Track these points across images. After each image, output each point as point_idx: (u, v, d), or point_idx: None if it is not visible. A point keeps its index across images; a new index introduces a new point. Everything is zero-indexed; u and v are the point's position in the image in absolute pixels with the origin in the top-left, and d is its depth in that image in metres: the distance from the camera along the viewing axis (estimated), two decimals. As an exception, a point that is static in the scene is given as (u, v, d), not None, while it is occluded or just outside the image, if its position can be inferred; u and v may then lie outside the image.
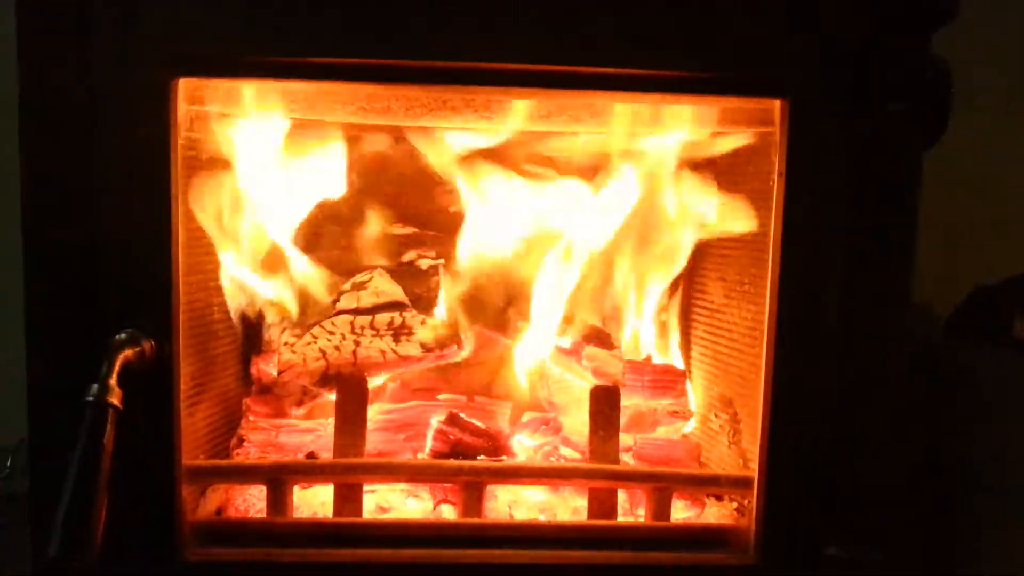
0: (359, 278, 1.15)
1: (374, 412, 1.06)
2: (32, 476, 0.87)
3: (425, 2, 0.87)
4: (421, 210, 1.20)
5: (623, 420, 1.04)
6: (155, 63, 0.84)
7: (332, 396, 1.05)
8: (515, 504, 1.05)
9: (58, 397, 0.84)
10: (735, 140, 1.05)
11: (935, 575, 1.11)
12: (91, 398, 0.79)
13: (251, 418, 1.10)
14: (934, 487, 1.15)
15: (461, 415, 1.07)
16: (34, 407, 0.87)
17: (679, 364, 1.23)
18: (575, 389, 1.15)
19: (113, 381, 0.80)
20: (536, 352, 1.16)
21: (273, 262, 1.13)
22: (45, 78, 0.84)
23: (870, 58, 0.90)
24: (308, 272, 1.14)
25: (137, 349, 0.83)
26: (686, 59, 0.90)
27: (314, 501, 1.03)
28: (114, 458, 0.78)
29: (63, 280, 0.86)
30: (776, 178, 0.92)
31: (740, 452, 1.07)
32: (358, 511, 0.97)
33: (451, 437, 1.06)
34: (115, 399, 0.79)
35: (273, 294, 1.13)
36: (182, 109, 0.87)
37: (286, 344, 1.08)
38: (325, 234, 1.18)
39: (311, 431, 1.08)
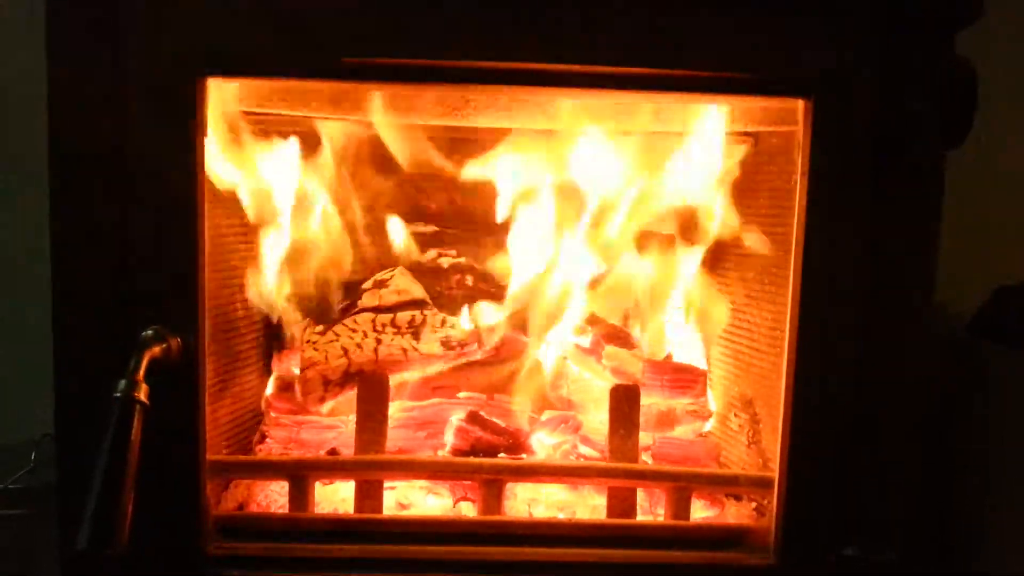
0: (380, 276, 1.15)
1: (395, 409, 1.07)
2: (59, 470, 0.88)
3: (449, 1, 0.87)
4: (442, 208, 1.20)
5: (643, 419, 1.05)
6: (184, 62, 0.84)
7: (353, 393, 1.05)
8: (535, 502, 1.05)
9: (85, 392, 0.85)
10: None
11: (953, 574, 1.10)
12: (119, 394, 0.79)
13: (273, 414, 1.11)
14: (955, 488, 1.14)
15: (481, 413, 1.08)
16: (61, 402, 0.88)
17: (699, 364, 1.23)
18: (595, 388, 1.15)
19: (140, 377, 0.80)
20: (556, 351, 1.16)
21: (296, 260, 1.14)
22: (75, 76, 0.84)
23: (894, 58, 0.89)
24: (331, 269, 1.15)
25: (163, 345, 0.84)
26: (709, 58, 0.89)
27: (335, 497, 1.04)
28: (140, 452, 0.79)
29: (90, 276, 0.87)
30: (799, 178, 0.92)
31: (760, 452, 1.07)
32: (378, 508, 0.98)
33: (471, 435, 1.06)
34: (142, 395, 0.80)
35: (297, 291, 1.14)
36: (209, 108, 0.88)
37: (308, 342, 1.09)
38: (347, 231, 1.18)
39: (332, 428, 1.08)
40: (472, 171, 1.13)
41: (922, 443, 0.94)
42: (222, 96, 0.94)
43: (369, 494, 0.98)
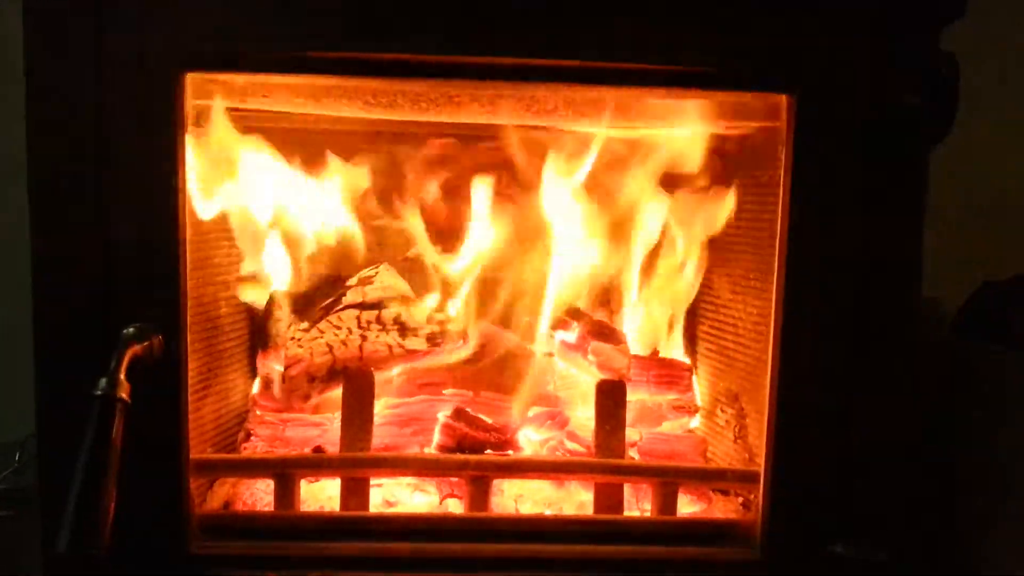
0: (365, 273, 1.15)
1: (380, 406, 1.06)
2: (41, 470, 0.88)
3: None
4: (427, 206, 1.20)
5: (629, 415, 1.05)
6: (164, 57, 0.84)
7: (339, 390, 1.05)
8: (521, 498, 1.05)
9: (66, 391, 0.84)
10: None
11: (940, 574, 1.10)
12: (100, 392, 0.79)
13: (258, 412, 1.11)
14: (941, 485, 1.15)
15: (467, 409, 1.08)
16: (42, 401, 0.87)
17: (685, 359, 1.23)
18: (581, 384, 1.15)
19: (122, 375, 0.80)
20: (542, 347, 1.16)
21: (280, 256, 1.14)
22: (53, 71, 0.84)
23: (878, 53, 0.89)
24: (315, 265, 1.15)
25: (145, 343, 0.83)
26: (692, 53, 0.89)
27: (321, 495, 1.04)
28: (122, 452, 0.79)
29: (71, 274, 0.86)
30: (782, 173, 0.92)
31: (746, 447, 1.07)
32: (365, 505, 0.98)
33: (457, 431, 1.06)
34: (124, 393, 0.79)
35: (280, 288, 1.14)
36: (190, 103, 0.87)
37: (293, 339, 1.08)
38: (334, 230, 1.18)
39: (318, 425, 1.08)
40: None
41: (910, 439, 0.94)
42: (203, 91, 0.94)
43: (355, 492, 0.98)
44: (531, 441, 1.11)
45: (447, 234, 1.18)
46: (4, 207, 1.14)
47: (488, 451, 1.06)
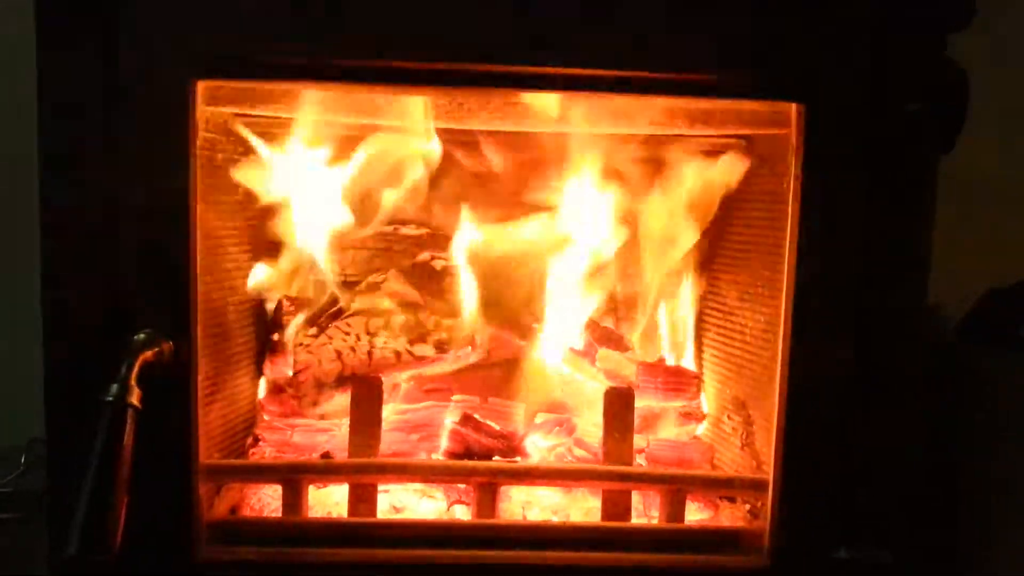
0: (374, 279, 1.15)
1: (388, 412, 1.06)
2: (49, 474, 0.88)
3: (442, 5, 0.87)
4: (435, 211, 1.20)
5: (636, 422, 1.05)
6: (175, 65, 0.84)
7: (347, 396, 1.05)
8: (529, 505, 1.05)
9: (75, 395, 0.84)
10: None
11: (944, 577, 1.11)
12: (111, 398, 0.79)
13: (266, 418, 1.11)
14: (947, 491, 1.15)
15: (475, 416, 1.07)
16: (51, 405, 0.87)
17: (692, 366, 1.23)
18: (589, 391, 1.15)
19: (133, 381, 0.80)
20: (550, 354, 1.16)
21: (290, 262, 1.14)
22: (65, 77, 0.84)
23: (886, 60, 0.90)
24: (324, 272, 1.15)
25: (156, 349, 0.84)
26: (701, 61, 0.90)
27: (328, 501, 1.04)
28: (132, 457, 0.79)
29: (81, 279, 0.86)
30: (791, 181, 0.92)
31: (753, 454, 1.07)
32: (372, 511, 0.98)
33: (465, 438, 1.06)
34: (135, 399, 0.80)
35: (289, 294, 1.14)
36: (201, 110, 0.88)
37: (301, 344, 1.08)
38: (340, 235, 1.18)
39: (326, 431, 1.08)
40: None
41: (915, 446, 0.94)
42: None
43: (363, 497, 0.98)
44: (539, 447, 1.11)
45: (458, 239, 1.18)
46: (11, 211, 1.14)
47: (496, 457, 1.06)
